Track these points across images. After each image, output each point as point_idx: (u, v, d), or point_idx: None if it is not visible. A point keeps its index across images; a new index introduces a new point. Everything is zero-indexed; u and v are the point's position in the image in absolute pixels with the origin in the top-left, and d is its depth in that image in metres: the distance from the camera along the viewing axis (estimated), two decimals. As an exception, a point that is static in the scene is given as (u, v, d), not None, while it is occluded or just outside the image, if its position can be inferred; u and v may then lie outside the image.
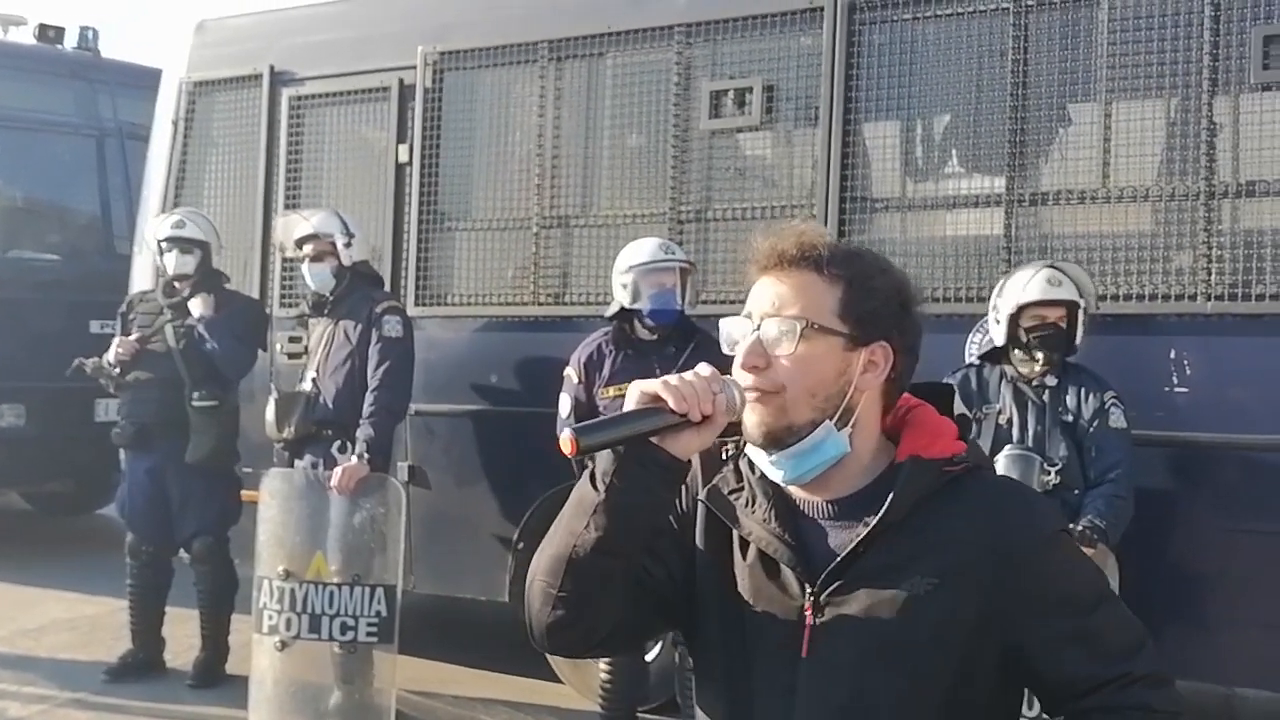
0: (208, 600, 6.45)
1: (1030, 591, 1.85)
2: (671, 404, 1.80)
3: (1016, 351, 4.92)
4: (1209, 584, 5.04)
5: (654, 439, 1.83)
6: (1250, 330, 4.99)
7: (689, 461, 1.87)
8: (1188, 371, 5.03)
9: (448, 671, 6.53)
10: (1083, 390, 4.85)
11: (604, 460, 1.84)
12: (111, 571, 7.00)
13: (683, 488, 2.02)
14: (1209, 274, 4.99)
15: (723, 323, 1.95)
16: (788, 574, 1.91)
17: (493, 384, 6.33)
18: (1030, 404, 4.88)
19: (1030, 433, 4.85)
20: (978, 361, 5.08)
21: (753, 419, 1.88)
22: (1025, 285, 4.84)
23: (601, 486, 1.83)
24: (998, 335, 4.95)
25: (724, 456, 2.02)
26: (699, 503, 2.01)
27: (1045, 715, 2.04)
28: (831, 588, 1.87)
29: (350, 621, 5.59)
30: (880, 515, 1.85)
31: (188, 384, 6.35)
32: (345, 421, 5.86)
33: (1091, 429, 4.80)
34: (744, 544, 1.96)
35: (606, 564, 1.85)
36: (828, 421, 1.87)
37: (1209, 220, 5.00)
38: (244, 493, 6.51)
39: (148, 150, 7.74)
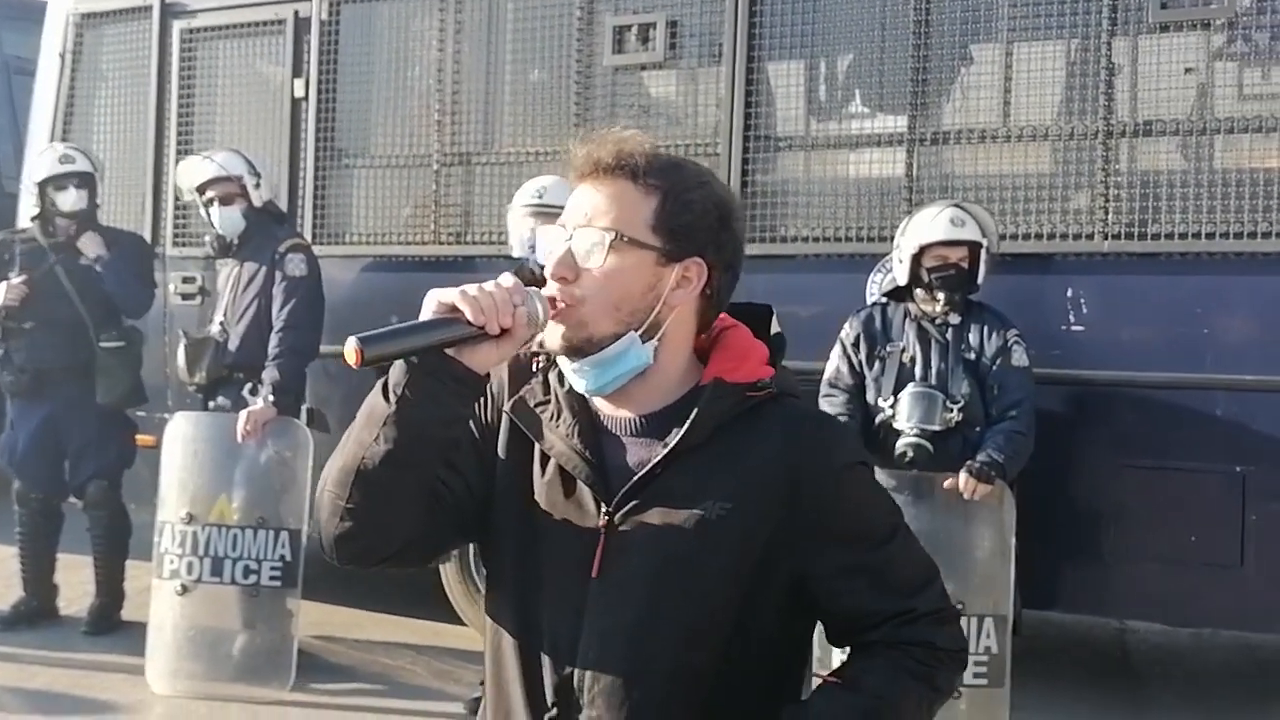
0: (103, 545, 6.32)
1: (820, 522, 1.84)
2: (469, 315, 1.74)
3: (919, 291, 4.95)
4: (1103, 519, 5.13)
5: (450, 351, 1.76)
6: (1146, 269, 5.06)
7: (486, 375, 1.81)
8: (1084, 310, 5.10)
9: (350, 615, 6.48)
10: (985, 328, 4.89)
11: (396, 371, 1.78)
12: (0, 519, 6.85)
13: (488, 398, 1.98)
14: (1106, 213, 5.05)
15: (538, 231, 1.91)
16: (585, 491, 1.88)
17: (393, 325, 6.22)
18: (933, 342, 4.91)
19: (933, 370, 4.88)
20: (883, 300, 5.10)
21: (553, 331, 1.83)
22: (928, 225, 4.85)
23: (392, 398, 1.77)
24: (900, 274, 4.97)
25: (534, 368, 1.98)
26: (503, 414, 1.96)
27: (831, 642, 2.04)
28: (626, 507, 1.85)
29: (253, 565, 5.54)
30: (679, 437, 1.83)
31: (91, 326, 6.19)
32: (255, 364, 5.78)
33: (994, 367, 4.84)
34: (545, 459, 1.92)
35: (396, 477, 1.79)
36: (632, 333, 1.83)
37: (1107, 160, 5.07)
38: (138, 436, 6.39)
39: (34, 86, 7.49)
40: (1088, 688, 5.79)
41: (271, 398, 5.60)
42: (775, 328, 2.01)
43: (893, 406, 4.84)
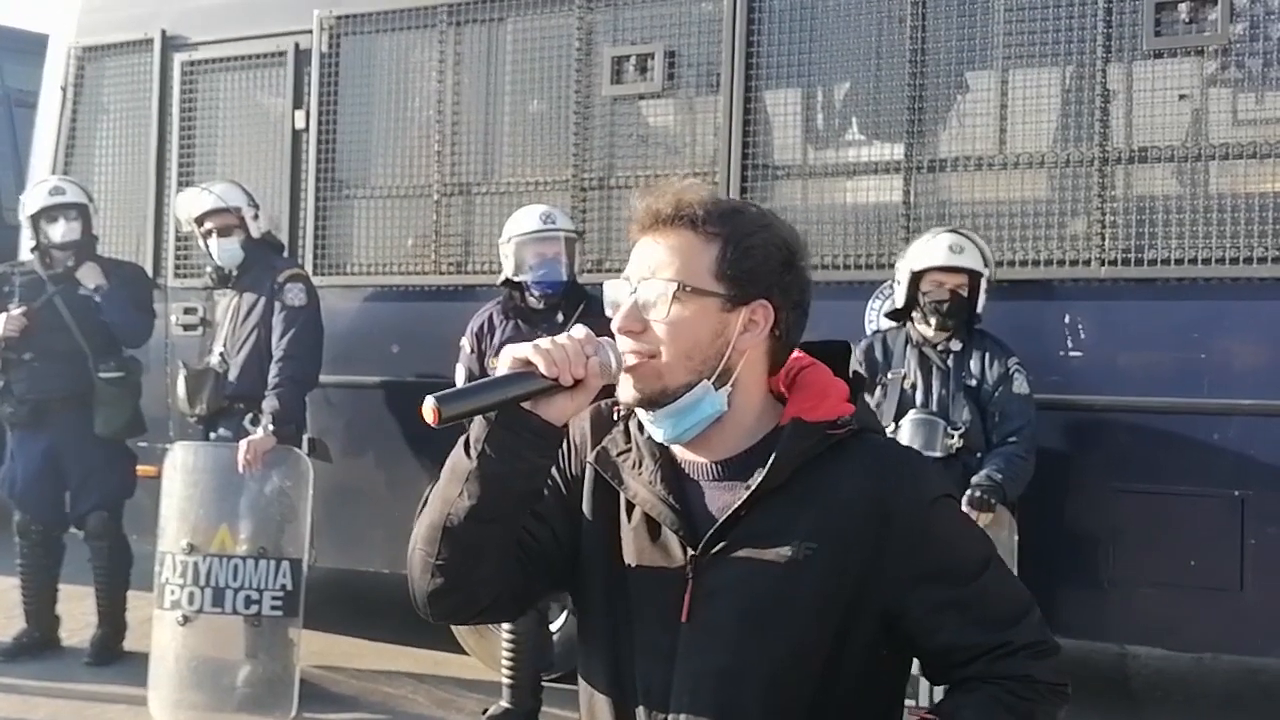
0: (104, 576, 6.33)
1: (911, 557, 1.83)
2: (542, 368, 1.77)
3: (916, 313, 4.98)
4: (1102, 544, 5.14)
5: (526, 404, 1.79)
6: (1142, 295, 5.08)
7: (564, 426, 1.84)
8: (1082, 336, 5.12)
9: (351, 645, 6.48)
10: (987, 356, 4.92)
11: (476, 427, 1.81)
12: (1, 550, 6.84)
13: (572, 449, 2.00)
14: (1103, 240, 5.08)
15: (606, 285, 1.93)
16: (670, 537, 1.89)
17: (394, 355, 6.26)
18: (934, 369, 4.94)
19: (934, 397, 4.91)
20: (884, 327, 5.13)
21: (627, 385, 1.86)
22: (926, 249, 4.89)
23: (473, 454, 1.80)
24: (898, 296, 5.01)
25: (614, 417, 2.00)
26: (588, 465, 1.98)
27: (929, 680, 2.02)
28: (713, 551, 1.85)
29: (255, 595, 5.54)
30: (761, 478, 1.83)
31: (91, 356, 6.22)
32: (255, 394, 5.79)
33: (995, 394, 4.87)
34: (630, 506, 1.94)
35: (483, 531, 1.82)
36: (705, 381, 1.85)
37: (1102, 187, 5.09)
38: (139, 467, 6.40)
39: (36, 118, 7.52)
40: (1089, 712, 5.77)
41: (271, 427, 5.61)
42: (855, 365, 2.02)
43: (894, 433, 4.86)
